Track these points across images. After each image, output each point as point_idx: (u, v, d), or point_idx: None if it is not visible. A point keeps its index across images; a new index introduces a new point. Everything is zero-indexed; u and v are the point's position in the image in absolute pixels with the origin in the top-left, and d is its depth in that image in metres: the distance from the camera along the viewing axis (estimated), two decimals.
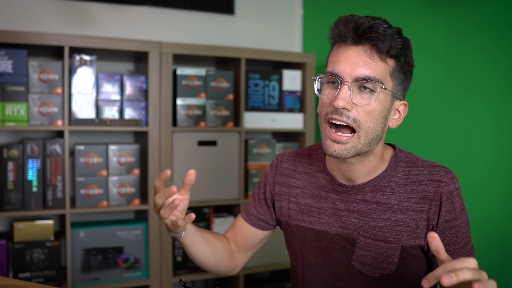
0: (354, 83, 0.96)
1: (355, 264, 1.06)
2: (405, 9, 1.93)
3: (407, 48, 0.99)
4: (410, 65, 1.02)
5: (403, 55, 0.98)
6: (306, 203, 1.14)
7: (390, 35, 0.95)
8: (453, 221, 1.02)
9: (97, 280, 1.96)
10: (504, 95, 1.55)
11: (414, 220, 1.02)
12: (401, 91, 1.03)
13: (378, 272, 1.04)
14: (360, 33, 0.95)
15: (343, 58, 0.97)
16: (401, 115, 1.05)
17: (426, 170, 1.04)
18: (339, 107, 0.95)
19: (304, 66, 2.31)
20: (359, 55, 0.96)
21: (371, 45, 0.96)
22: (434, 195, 1.01)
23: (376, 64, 0.95)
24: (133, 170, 2.02)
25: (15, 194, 1.85)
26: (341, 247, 1.08)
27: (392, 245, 1.02)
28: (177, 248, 2.10)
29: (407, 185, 1.04)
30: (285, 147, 2.30)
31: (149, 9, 2.30)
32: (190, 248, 1.11)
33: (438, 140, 1.79)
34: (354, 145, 0.97)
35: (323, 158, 1.15)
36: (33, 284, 1.01)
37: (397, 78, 0.99)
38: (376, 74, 0.95)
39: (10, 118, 1.84)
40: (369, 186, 1.06)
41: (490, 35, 1.59)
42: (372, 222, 1.04)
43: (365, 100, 0.96)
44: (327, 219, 1.10)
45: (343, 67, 0.96)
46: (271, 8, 2.56)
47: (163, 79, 2.02)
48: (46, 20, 2.12)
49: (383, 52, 0.95)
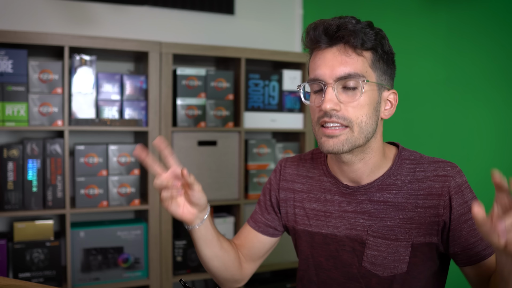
0: (336, 83, 0.97)
1: (366, 265, 1.06)
2: (405, 9, 1.93)
3: (381, 38, 1.00)
4: (389, 54, 1.02)
5: (379, 45, 0.99)
6: (312, 208, 1.13)
7: (360, 30, 0.96)
8: (467, 214, 1.01)
9: (97, 280, 1.96)
10: (503, 95, 1.55)
11: (422, 216, 1.02)
12: (387, 81, 1.03)
13: (390, 271, 1.04)
14: (331, 34, 0.97)
15: (321, 63, 0.99)
16: (393, 105, 1.05)
17: (432, 166, 1.04)
18: (327, 109, 0.96)
19: (304, 66, 2.31)
20: (335, 56, 0.98)
21: (343, 43, 0.97)
22: (442, 191, 1.01)
23: (353, 60, 0.97)
24: (133, 170, 2.02)
25: (15, 194, 1.85)
26: (350, 249, 1.08)
27: (403, 243, 1.02)
28: (177, 248, 2.10)
29: (413, 182, 1.04)
30: (285, 147, 2.31)
31: (149, 9, 2.30)
32: (200, 245, 1.08)
33: (438, 140, 1.79)
34: (348, 137, 0.98)
35: (325, 161, 1.15)
36: (33, 284, 1.00)
37: (379, 68, 1.00)
38: (355, 70, 0.97)
39: (10, 118, 1.84)
40: (375, 185, 1.06)
41: (490, 35, 1.59)
42: (380, 221, 1.04)
43: (350, 97, 0.98)
44: (334, 222, 1.09)
45: (323, 70, 0.98)
46: (271, 8, 2.56)
47: (163, 79, 2.02)
48: (46, 20, 2.12)
49: (357, 46, 0.97)
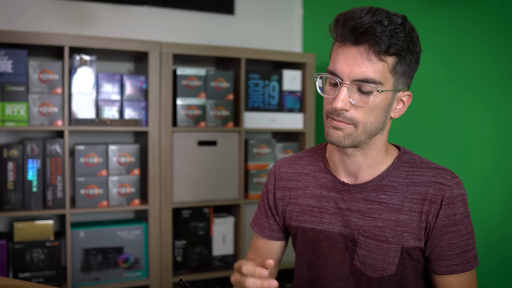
0: (352, 84, 0.96)
1: (356, 264, 1.06)
2: (405, 8, 1.92)
3: (409, 41, 0.97)
4: (415, 54, 1.00)
5: (404, 50, 0.96)
6: (307, 204, 1.14)
7: (389, 33, 0.94)
8: (451, 227, 1.00)
9: (97, 280, 1.96)
10: (504, 94, 1.55)
11: (415, 221, 1.01)
12: (404, 82, 1.01)
13: (379, 273, 1.04)
14: (359, 34, 0.95)
15: (342, 58, 0.97)
16: (405, 105, 1.04)
17: (431, 172, 1.04)
18: (338, 108, 0.96)
19: (304, 66, 2.31)
20: (357, 56, 0.96)
21: (369, 45, 0.95)
22: (436, 198, 1.00)
23: (374, 66, 0.95)
24: (133, 170, 2.02)
25: (15, 194, 1.85)
26: (344, 246, 1.08)
27: (393, 246, 1.02)
28: (177, 248, 2.10)
29: (409, 185, 1.03)
30: (285, 147, 2.30)
31: (149, 9, 2.30)
32: None
33: (439, 139, 1.79)
34: (350, 133, 0.99)
35: (324, 157, 1.15)
36: (33, 284, 1.00)
37: (398, 72, 0.98)
38: (374, 75, 0.95)
39: (10, 118, 1.84)
40: (371, 185, 1.06)
41: (490, 34, 1.59)
42: (373, 221, 1.04)
43: (363, 100, 0.97)
44: (329, 219, 1.10)
45: (342, 67, 0.97)
46: (271, 8, 2.56)
47: (163, 79, 2.02)
48: (46, 20, 2.12)
49: (381, 52, 0.94)
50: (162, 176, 2.03)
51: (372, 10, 0.96)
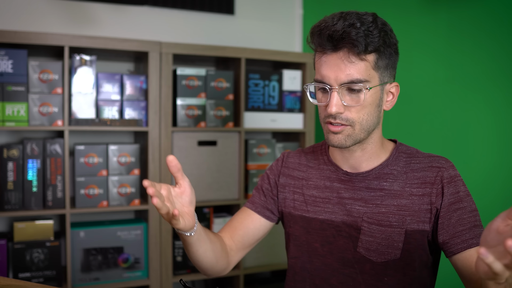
0: (341, 87, 1.01)
1: (360, 251, 1.09)
2: (405, 8, 1.93)
3: (384, 35, 1.01)
4: (392, 46, 1.04)
5: (381, 45, 1.00)
6: (311, 194, 1.18)
7: (364, 34, 0.98)
8: (458, 203, 1.04)
9: (97, 280, 1.96)
10: (504, 94, 1.55)
11: (416, 204, 1.06)
12: (389, 74, 1.06)
13: (384, 257, 1.07)
14: (335, 41, 0.99)
15: (326, 66, 1.02)
16: (394, 96, 1.10)
17: (427, 159, 1.10)
18: (333, 113, 1.02)
19: (304, 66, 2.31)
20: (339, 62, 1.00)
21: (347, 49, 0.99)
22: (435, 179, 1.06)
23: (357, 66, 1.00)
24: (133, 170, 2.02)
25: (15, 194, 1.85)
26: (347, 234, 1.11)
27: (396, 230, 1.06)
28: (177, 248, 2.10)
29: (408, 172, 1.09)
30: (285, 147, 2.30)
31: (149, 9, 2.30)
32: (194, 247, 1.09)
33: (439, 139, 1.79)
34: (349, 134, 1.04)
35: (327, 151, 1.20)
36: (33, 284, 1.00)
37: (381, 66, 1.03)
38: (359, 75, 1.00)
39: (10, 118, 1.84)
40: (373, 174, 1.11)
41: (490, 34, 1.59)
42: (376, 208, 1.08)
43: (354, 100, 1.02)
44: (332, 208, 1.14)
45: (328, 74, 1.01)
46: (271, 8, 2.56)
47: (163, 79, 2.02)
48: (46, 20, 2.12)
49: (360, 53, 0.99)
50: (162, 176, 2.03)
51: (343, 15, 1.01)
